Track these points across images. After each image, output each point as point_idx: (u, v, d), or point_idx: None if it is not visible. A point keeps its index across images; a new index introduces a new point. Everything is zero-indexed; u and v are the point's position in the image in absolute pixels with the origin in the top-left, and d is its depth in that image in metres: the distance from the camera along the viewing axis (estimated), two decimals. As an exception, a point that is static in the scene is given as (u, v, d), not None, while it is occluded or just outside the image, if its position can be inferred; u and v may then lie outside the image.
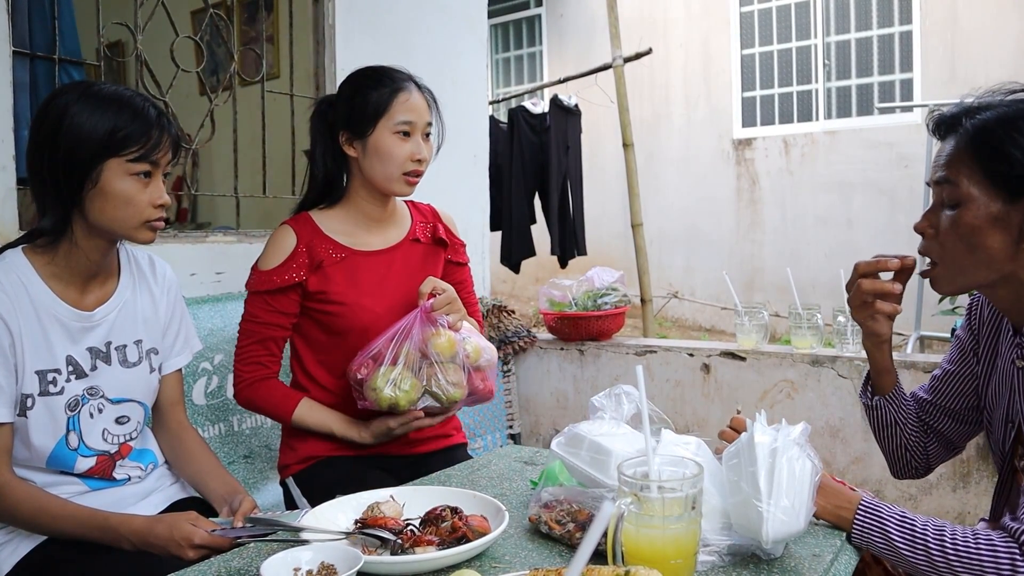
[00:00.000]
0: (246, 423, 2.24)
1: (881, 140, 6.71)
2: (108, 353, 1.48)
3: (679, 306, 7.88)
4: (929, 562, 1.12)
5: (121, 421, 1.51)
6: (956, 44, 6.43)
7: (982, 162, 1.21)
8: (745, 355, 2.95)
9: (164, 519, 1.34)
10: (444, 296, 1.69)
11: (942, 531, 1.13)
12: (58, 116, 1.35)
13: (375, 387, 1.62)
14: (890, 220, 6.58)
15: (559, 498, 1.24)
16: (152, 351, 1.56)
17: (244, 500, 1.45)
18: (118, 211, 1.38)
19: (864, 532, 1.18)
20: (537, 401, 3.40)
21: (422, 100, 1.78)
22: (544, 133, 5.09)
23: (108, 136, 1.35)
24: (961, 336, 1.50)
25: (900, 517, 1.16)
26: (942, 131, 1.29)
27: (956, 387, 1.49)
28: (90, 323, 1.45)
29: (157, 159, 1.40)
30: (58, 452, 1.42)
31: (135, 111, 1.38)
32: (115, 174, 1.37)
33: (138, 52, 2.41)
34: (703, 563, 1.09)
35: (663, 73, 8.00)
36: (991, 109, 1.24)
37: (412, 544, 1.13)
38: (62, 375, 1.41)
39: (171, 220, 4.45)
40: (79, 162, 1.35)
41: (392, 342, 1.64)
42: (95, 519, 1.36)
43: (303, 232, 1.77)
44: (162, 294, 1.60)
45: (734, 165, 7.63)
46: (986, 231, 1.21)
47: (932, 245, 1.29)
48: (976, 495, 2.59)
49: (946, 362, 1.52)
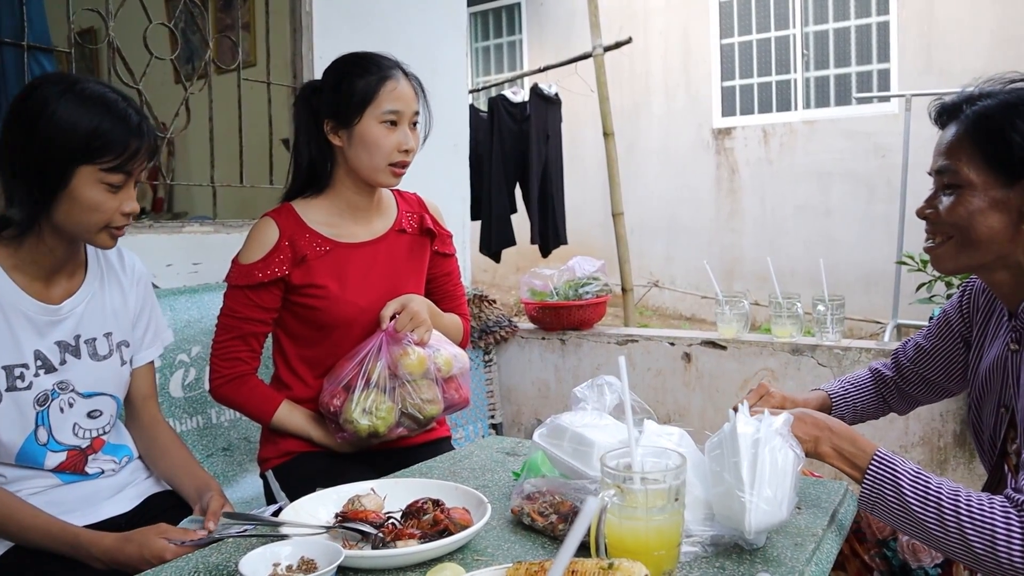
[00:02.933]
0: (224, 416, 2.21)
1: (859, 130, 6.76)
2: (77, 347, 1.45)
3: (660, 295, 7.91)
4: (939, 521, 1.11)
5: (93, 415, 1.48)
6: (933, 34, 6.48)
7: (983, 147, 1.23)
8: (726, 344, 2.97)
9: (133, 537, 1.30)
10: (405, 314, 1.67)
11: (957, 492, 1.12)
12: (38, 109, 1.30)
13: (351, 419, 1.61)
14: (867, 209, 6.64)
15: (541, 490, 1.23)
16: (123, 343, 1.53)
17: (213, 499, 1.42)
18: (83, 216, 1.34)
19: (876, 484, 1.17)
20: (519, 391, 3.40)
21: (409, 88, 1.74)
22: (524, 122, 5.07)
23: (86, 139, 1.30)
24: (951, 314, 1.52)
25: (915, 472, 1.16)
26: (943, 119, 1.32)
27: (941, 363, 1.54)
28: (57, 316, 1.42)
29: (131, 169, 1.36)
30: (27, 448, 1.39)
31: (117, 116, 1.33)
32: (86, 181, 1.32)
33: (110, 39, 2.36)
34: (686, 554, 1.09)
35: (643, 62, 8.00)
36: (992, 97, 1.26)
37: (394, 537, 1.12)
38: (30, 370, 1.38)
39: (147, 210, 4.39)
40: (53, 163, 1.30)
41: (362, 367, 1.63)
42: (65, 534, 1.33)
43: (286, 225, 1.73)
44: (131, 286, 1.57)
45: (714, 154, 7.65)
46: (986, 214, 1.23)
47: (936, 227, 1.31)
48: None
49: (933, 336, 1.56)
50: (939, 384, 1.57)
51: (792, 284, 4.28)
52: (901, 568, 1.42)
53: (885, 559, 1.43)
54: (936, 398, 1.62)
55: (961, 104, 1.28)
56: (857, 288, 6.27)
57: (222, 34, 3.94)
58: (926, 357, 1.57)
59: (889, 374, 1.63)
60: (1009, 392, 1.33)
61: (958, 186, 1.25)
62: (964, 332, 1.50)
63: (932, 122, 1.35)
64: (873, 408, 1.65)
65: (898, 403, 1.64)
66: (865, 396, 1.64)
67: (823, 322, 2.85)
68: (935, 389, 1.58)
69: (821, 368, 2.78)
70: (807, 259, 6.24)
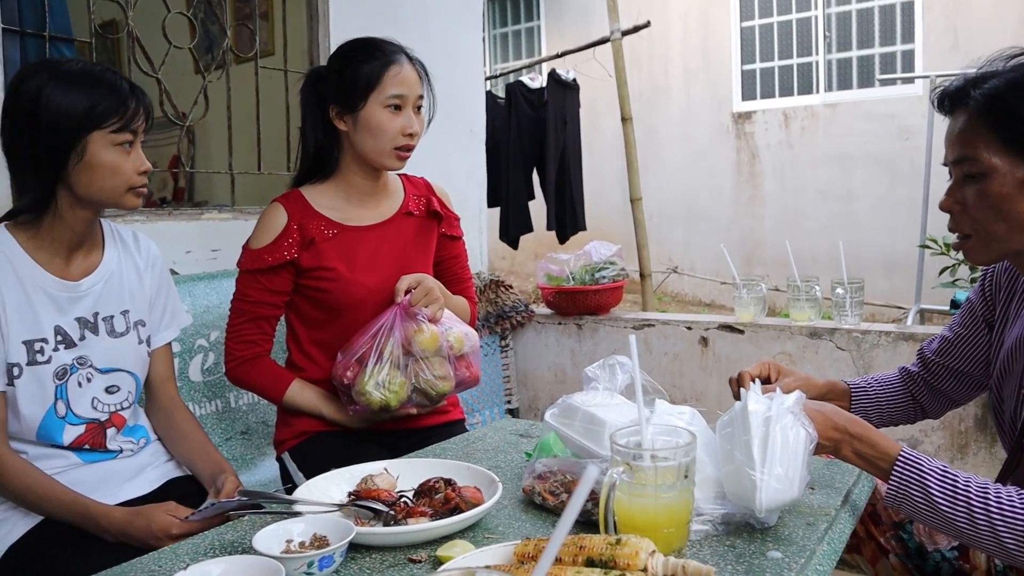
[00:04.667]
0: (243, 400, 2.24)
1: (882, 112, 6.67)
2: (96, 323, 1.49)
3: (679, 281, 7.88)
4: (969, 519, 1.09)
5: (111, 391, 1.52)
6: (958, 14, 6.36)
7: (999, 130, 1.19)
8: (743, 328, 2.95)
9: (143, 512, 1.35)
10: (420, 289, 1.69)
11: (986, 489, 1.10)
12: (33, 98, 1.36)
13: (364, 391, 1.62)
14: (890, 192, 6.55)
15: (553, 469, 1.24)
16: (139, 322, 1.57)
17: (227, 481, 1.46)
18: (106, 181, 1.41)
19: (901, 485, 1.14)
20: (535, 376, 3.41)
21: (413, 73, 1.76)
22: (542, 108, 5.05)
23: (88, 112, 1.38)
24: (974, 301, 1.49)
25: (942, 472, 1.13)
26: (947, 105, 1.27)
27: (966, 351, 1.50)
28: (76, 293, 1.47)
29: (136, 128, 1.43)
30: (47, 421, 1.43)
31: (108, 86, 1.40)
32: (100, 146, 1.40)
33: (129, 29, 2.38)
34: (696, 532, 1.09)
35: (662, 46, 7.94)
36: (997, 77, 1.21)
37: (405, 515, 1.13)
38: (49, 344, 1.43)
39: (168, 199, 4.43)
40: (63, 138, 1.37)
41: (375, 341, 1.64)
42: (77, 504, 1.37)
43: (294, 210, 1.76)
44: (147, 267, 1.61)
45: (734, 139, 7.59)
46: (1015, 197, 1.19)
47: (962, 220, 1.26)
48: (974, 466, 2.59)
49: (957, 326, 1.52)
50: (967, 374, 1.51)
51: (813, 269, 4.25)
52: (917, 551, 1.41)
53: (901, 541, 1.42)
54: (969, 392, 1.55)
55: (966, 88, 1.23)
56: (879, 273, 6.21)
57: (240, 23, 3.94)
58: (950, 347, 1.52)
59: (916, 370, 1.59)
60: None
61: (981, 175, 1.20)
62: (987, 315, 1.46)
63: (935, 109, 1.30)
64: (903, 408, 1.59)
65: (929, 402, 1.58)
66: (892, 394, 1.58)
67: (842, 305, 2.82)
68: (964, 381, 1.53)
69: (840, 352, 2.76)
70: (828, 244, 6.16)
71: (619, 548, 0.91)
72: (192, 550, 1.12)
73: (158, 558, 1.10)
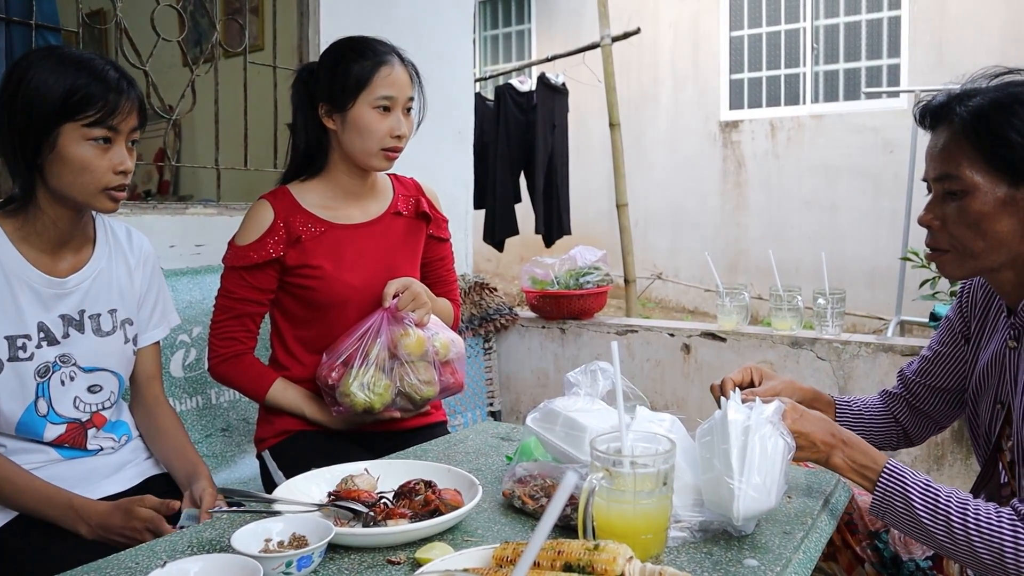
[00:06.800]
0: (224, 396, 2.23)
1: (867, 125, 6.73)
2: (81, 321, 1.46)
3: (663, 287, 7.91)
4: (949, 534, 1.12)
5: (93, 390, 1.49)
6: (944, 30, 6.44)
7: (982, 149, 1.20)
8: (725, 336, 2.97)
9: (121, 505, 1.33)
10: (408, 294, 1.69)
11: (966, 505, 1.13)
12: (19, 79, 1.33)
13: (348, 392, 1.62)
14: (874, 204, 6.62)
15: (533, 473, 1.24)
16: (127, 321, 1.54)
17: (206, 494, 1.42)
18: (76, 177, 1.35)
19: (886, 497, 1.17)
20: (518, 379, 3.41)
21: (404, 74, 1.75)
22: (531, 111, 5.06)
23: (64, 98, 1.31)
24: (951, 318, 1.51)
25: (924, 486, 1.16)
26: (929, 121, 1.28)
27: (945, 367, 1.51)
28: (63, 290, 1.44)
29: (116, 124, 1.36)
30: (26, 419, 1.41)
31: (94, 73, 1.34)
32: (71, 139, 1.33)
33: (118, 19, 2.37)
34: (674, 539, 1.10)
35: (651, 53, 7.97)
36: (980, 95, 1.22)
37: (385, 517, 1.13)
38: (32, 341, 1.40)
39: (152, 193, 4.40)
40: (36, 125, 1.32)
41: (361, 343, 1.64)
42: (60, 498, 1.35)
43: (280, 207, 1.75)
44: (138, 265, 1.58)
45: (720, 147, 7.63)
46: (995, 216, 1.20)
47: (941, 236, 1.27)
48: (950, 477, 2.62)
49: (936, 343, 1.53)
50: (948, 390, 1.51)
51: (796, 279, 4.27)
52: (892, 560, 1.43)
53: (876, 551, 1.44)
54: (951, 412, 1.54)
55: (949, 104, 1.24)
56: (861, 284, 6.27)
57: (230, 17, 3.92)
58: (930, 366, 1.53)
59: (898, 392, 1.59)
60: (1006, 388, 1.32)
61: (963, 192, 1.21)
62: (963, 330, 1.48)
63: (916, 123, 1.30)
64: (885, 429, 1.58)
65: (912, 424, 1.57)
66: (875, 414, 1.58)
67: (823, 316, 2.85)
68: (946, 399, 1.52)
69: (820, 362, 2.78)
70: (812, 254, 6.21)
71: (597, 554, 0.91)
72: (170, 548, 1.11)
73: (135, 555, 1.09)
